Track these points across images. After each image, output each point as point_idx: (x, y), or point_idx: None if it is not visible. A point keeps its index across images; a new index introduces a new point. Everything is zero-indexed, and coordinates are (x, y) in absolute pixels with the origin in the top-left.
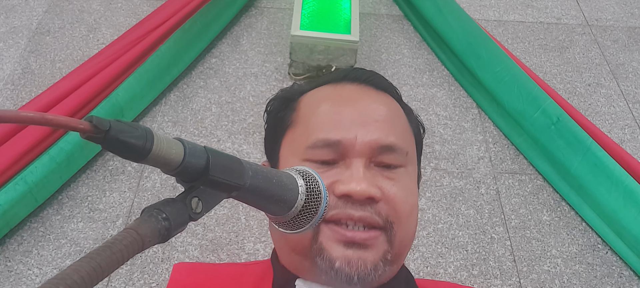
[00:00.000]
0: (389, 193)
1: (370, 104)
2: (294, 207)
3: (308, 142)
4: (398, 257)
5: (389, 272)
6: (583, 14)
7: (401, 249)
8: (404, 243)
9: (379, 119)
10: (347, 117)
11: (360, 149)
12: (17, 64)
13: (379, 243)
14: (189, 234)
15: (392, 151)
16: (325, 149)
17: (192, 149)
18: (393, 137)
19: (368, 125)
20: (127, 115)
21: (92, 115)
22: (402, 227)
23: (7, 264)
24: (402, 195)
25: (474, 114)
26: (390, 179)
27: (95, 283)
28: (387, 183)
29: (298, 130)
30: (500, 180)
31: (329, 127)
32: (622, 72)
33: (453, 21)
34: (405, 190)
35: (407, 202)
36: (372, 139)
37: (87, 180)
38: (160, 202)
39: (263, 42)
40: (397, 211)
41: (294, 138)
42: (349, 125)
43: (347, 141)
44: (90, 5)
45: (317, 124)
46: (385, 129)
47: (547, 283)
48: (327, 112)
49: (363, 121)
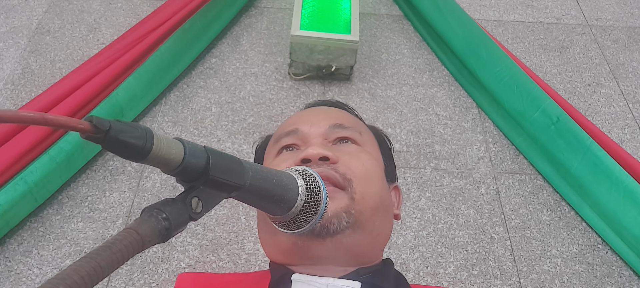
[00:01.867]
0: (344, 157)
1: (324, 110)
2: (294, 207)
3: (274, 139)
4: (364, 217)
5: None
6: (583, 14)
7: (366, 208)
8: (366, 202)
9: (330, 113)
10: (303, 117)
11: (316, 132)
12: (17, 64)
13: (340, 197)
14: (189, 234)
15: (343, 128)
16: (287, 137)
17: (192, 149)
18: (343, 120)
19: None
20: (127, 115)
21: (92, 115)
22: (361, 184)
23: (7, 264)
24: (357, 160)
25: (474, 114)
26: (347, 152)
27: (95, 283)
28: (343, 154)
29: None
30: (500, 180)
31: (289, 123)
32: (622, 72)
33: (453, 21)
34: (360, 157)
35: (362, 164)
36: (324, 123)
37: (87, 180)
38: (160, 202)
39: (263, 42)
40: (353, 170)
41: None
42: (305, 119)
43: (304, 128)
44: (90, 5)
45: (282, 127)
46: (335, 116)
47: (547, 283)
48: (289, 119)
49: (317, 116)
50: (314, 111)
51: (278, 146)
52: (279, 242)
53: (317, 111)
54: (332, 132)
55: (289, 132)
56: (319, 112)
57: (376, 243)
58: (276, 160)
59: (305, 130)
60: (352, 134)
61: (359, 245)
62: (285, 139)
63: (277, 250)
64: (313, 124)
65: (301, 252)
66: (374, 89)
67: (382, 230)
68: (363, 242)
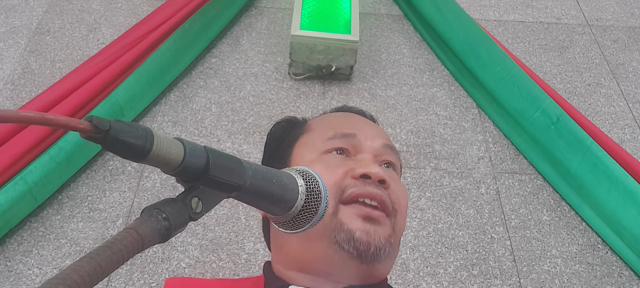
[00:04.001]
0: (393, 184)
1: (374, 125)
2: (294, 207)
3: (327, 135)
4: (394, 248)
5: (386, 264)
6: (583, 14)
7: (397, 240)
8: (399, 235)
9: (381, 130)
10: (358, 123)
11: (371, 146)
12: (17, 64)
13: (387, 223)
14: (189, 234)
15: (393, 152)
16: (343, 139)
17: (192, 149)
18: (391, 143)
19: (375, 132)
20: (127, 115)
21: (92, 115)
22: (401, 218)
23: (7, 264)
24: (403, 192)
25: (474, 114)
26: (393, 178)
27: (95, 283)
28: (390, 179)
29: (313, 133)
30: (500, 180)
31: (345, 125)
32: (622, 72)
33: (453, 21)
34: (402, 188)
35: (404, 197)
36: (380, 139)
37: (87, 180)
38: (160, 202)
39: (263, 42)
40: (400, 202)
41: (310, 138)
42: (360, 127)
43: (362, 136)
44: (90, 5)
45: (335, 123)
46: (386, 137)
47: (547, 283)
48: (341, 118)
49: (371, 128)
50: (365, 121)
51: (331, 144)
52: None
53: (367, 122)
54: (384, 152)
55: (348, 135)
56: (372, 126)
57: (389, 270)
58: (325, 157)
59: (361, 139)
60: (397, 160)
61: (382, 272)
62: (341, 140)
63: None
64: (368, 135)
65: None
66: (374, 89)
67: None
68: (386, 269)
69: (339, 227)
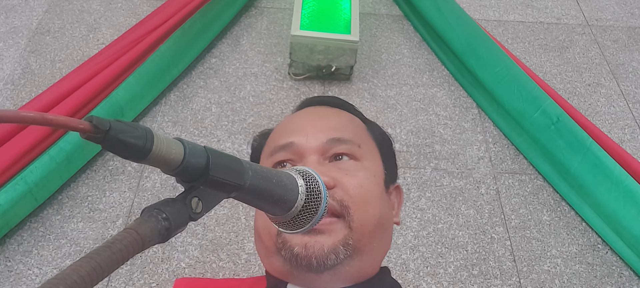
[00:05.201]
0: (342, 180)
1: (322, 114)
2: (294, 207)
3: (269, 150)
4: (362, 244)
5: (358, 262)
6: (583, 14)
7: (363, 234)
8: (365, 228)
9: (328, 121)
10: (299, 125)
11: (312, 145)
12: (17, 64)
13: (338, 228)
14: (189, 234)
15: (341, 141)
16: (282, 152)
17: (192, 149)
18: (342, 132)
19: (317, 127)
20: (127, 115)
21: (92, 115)
22: (359, 210)
23: (7, 264)
24: (356, 182)
25: (474, 114)
26: (344, 170)
27: (95, 283)
28: (340, 173)
29: (265, 148)
30: (500, 180)
31: (284, 134)
32: (622, 72)
33: (453, 21)
34: (358, 178)
35: (361, 187)
36: (321, 134)
37: (87, 180)
38: (160, 202)
39: (263, 42)
40: (351, 195)
41: (263, 153)
42: (301, 129)
43: (299, 141)
44: (90, 5)
45: (275, 135)
46: (334, 126)
47: (547, 283)
48: (283, 125)
49: (313, 125)
50: (310, 117)
51: (272, 160)
52: (273, 264)
53: (313, 118)
54: (330, 146)
55: (284, 146)
56: (316, 120)
57: (375, 261)
58: None
59: (301, 143)
60: (351, 148)
61: (358, 270)
62: (279, 154)
63: (272, 269)
64: (310, 135)
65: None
66: (374, 89)
67: (381, 246)
68: (362, 265)
69: (282, 245)
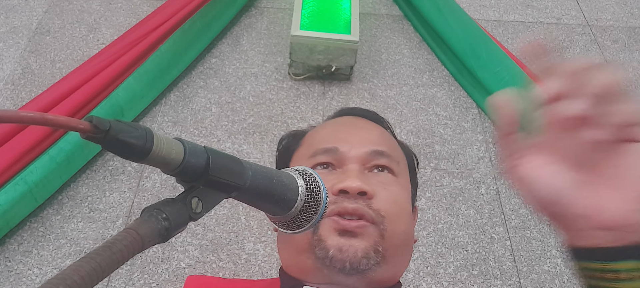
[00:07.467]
0: (380, 193)
1: (364, 125)
2: (294, 207)
3: (311, 151)
4: (390, 254)
5: (383, 270)
6: (583, 14)
7: (392, 245)
8: (394, 240)
9: (371, 134)
10: (343, 133)
11: (355, 155)
12: (17, 64)
13: (370, 232)
14: (189, 234)
15: (383, 155)
16: (324, 155)
17: (192, 149)
18: (384, 146)
19: (362, 138)
20: (127, 115)
21: (92, 115)
22: (392, 222)
23: (7, 264)
24: (392, 196)
25: (474, 114)
26: (382, 183)
27: (95, 283)
28: (379, 186)
29: (303, 148)
30: (500, 180)
31: (330, 139)
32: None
33: (453, 21)
34: (394, 193)
35: (396, 202)
36: (365, 145)
37: (87, 180)
38: (160, 202)
39: (263, 42)
40: (387, 208)
41: (300, 154)
42: (345, 138)
43: (343, 149)
44: (90, 5)
45: (319, 137)
46: (376, 140)
47: (547, 283)
48: (327, 131)
49: (358, 135)
50: (353, 127)
51: (313, 161)
52: (303, 262)
53: (356, 128)
54: (372, 158)
55: (327, 150)
56: (359, 130)
57: (398, 273)
58: None
59: (345, 151)
60: (391, 163)
61: (382, 279)
62: (321, 156)
63: (298, 268)
64: (353, 144)
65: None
66: (374, 89)
67: (404, 261)
68: (386, 274)
69: (318, 244)
